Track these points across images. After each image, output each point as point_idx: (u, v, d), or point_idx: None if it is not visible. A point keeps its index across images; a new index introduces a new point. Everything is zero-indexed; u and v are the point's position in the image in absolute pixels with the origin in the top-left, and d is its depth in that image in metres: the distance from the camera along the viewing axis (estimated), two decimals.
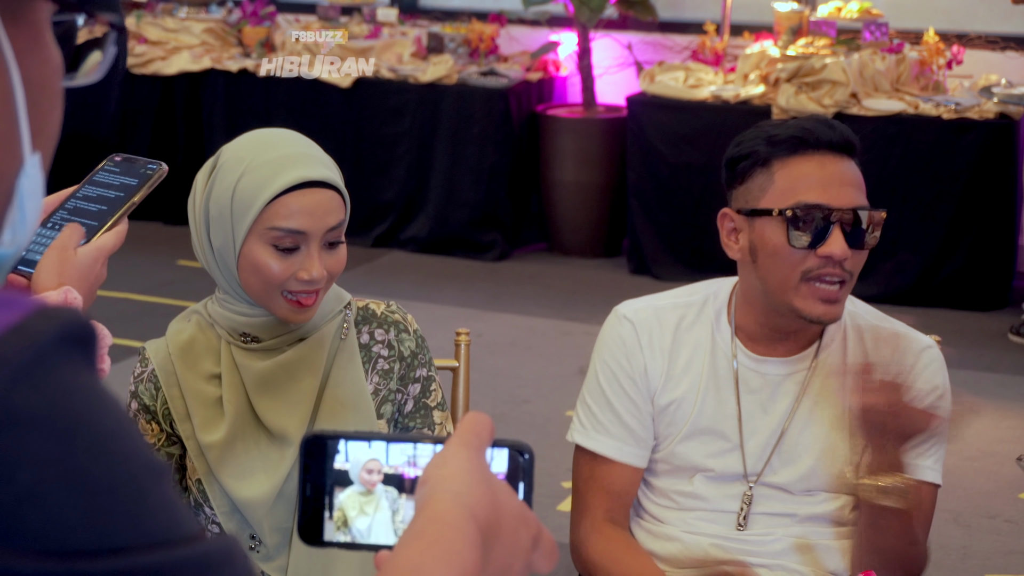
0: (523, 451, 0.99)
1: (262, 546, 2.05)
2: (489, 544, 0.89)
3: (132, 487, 0.73)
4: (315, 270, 1.98)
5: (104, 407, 0.74)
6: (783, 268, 2.13)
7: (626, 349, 2.24)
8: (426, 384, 2.15)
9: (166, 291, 6.16)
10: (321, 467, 0.98)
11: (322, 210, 1.98)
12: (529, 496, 0.98)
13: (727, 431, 2.21)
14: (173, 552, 0.73)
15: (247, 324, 2.06)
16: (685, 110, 6.46)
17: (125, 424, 0.75)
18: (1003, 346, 5.71)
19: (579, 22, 6.74)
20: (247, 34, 7.39)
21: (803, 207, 2.10)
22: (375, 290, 6.12)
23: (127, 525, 0.72)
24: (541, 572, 0.95)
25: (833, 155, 2.14)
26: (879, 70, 6.34)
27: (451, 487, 0.90)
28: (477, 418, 0.97)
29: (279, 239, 1.97)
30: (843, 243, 2.10)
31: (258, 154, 1.99)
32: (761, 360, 2.22)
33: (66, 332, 0.74)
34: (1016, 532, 4.15)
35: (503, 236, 6.86)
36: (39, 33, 0.80)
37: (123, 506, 0.72)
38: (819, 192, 2.11)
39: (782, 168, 2.13)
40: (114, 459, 0.73)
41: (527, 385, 5.21)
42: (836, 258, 2.10)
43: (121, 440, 0.74)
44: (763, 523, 2.20)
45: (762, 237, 2.14)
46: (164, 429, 2.09)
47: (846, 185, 2.14)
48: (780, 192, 2.13)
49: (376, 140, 6.97)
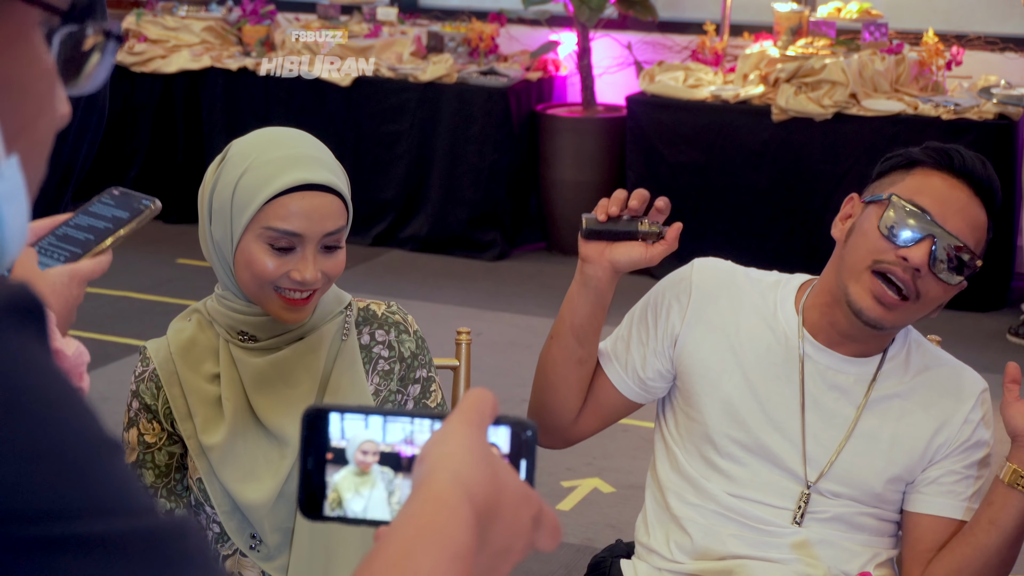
0: (526, 427, 0.97)
1: (262, 545, 2.05)
2: (487, 524, 0.88)
3: (76, 455, 0.72)
4: (308, 273, 1.97)
5: (50, 377, 0.74)
6: (862, 248, 2.15)
7: (673, 286, 2.32)
8: (426, 385, 2.15)
9: (165, 289, 6.16)
10: (323, 440, 0.97)
11: (320, 214, 1.97)
12: (531, 474, 0.97)
13: (786, 420, 2.20)
14: (117, 522, 0.72)
15: (244, 322, 2.05)
16: (685, 110, 6.46)
17: (72, 396, 0.74)
18: (1002, 347, 5.71)
19: (579, 21, 6.74)
20: (247, 33, 7.39)
21: (914, 205, 2.12)
22: (374, 289, 6.12)
23: (68, 491, 0.71)
24: (544, 550, 0.94)
25: (969, 189, 2.16)
26: (878, 71, 6.34)
27: (450, 465, 0.89)
28: (480, 394, 0.95)
29: (275, 239, 1.97)
30: (925, 255, 2.10)
31: (263, 152, 1.99)
32: (823, 350, 2.22)
33: (15, 303, 0.73)
34: None
35: (502, 235, 6.86)
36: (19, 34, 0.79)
37: (66, 475, 0.72)
38: (937, 206, 2.13)
39: (920, 174, 2.17)
40: (58, 427, 0.72)
41: (526, 384, 5.17)
42: (911, 263, 2.10)
43: (66, 410, 0.73)
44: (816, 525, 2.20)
45: (865, 220, 2.17)
46: (165, 428, 2.09)
47: (965, 218, 2.15)
48: (905, 188, 2.16)
49: (376, 139, 6.97)
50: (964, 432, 2.21)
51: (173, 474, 2.10)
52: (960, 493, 2.20)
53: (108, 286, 5.83)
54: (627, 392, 2.31)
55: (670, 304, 2.30)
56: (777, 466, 2.19)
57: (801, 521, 2.18)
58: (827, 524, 2.19)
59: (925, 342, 2.29)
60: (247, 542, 2.06)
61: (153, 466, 2.09)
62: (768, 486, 2.19)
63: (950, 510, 2.18)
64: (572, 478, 4.42)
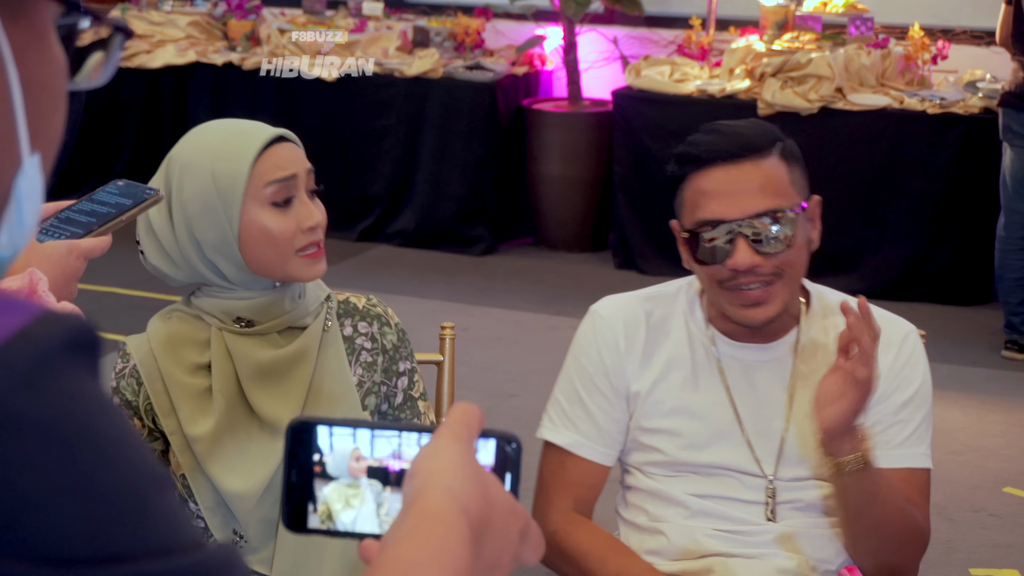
0: (511, 441, 0.98)
1: (243, 541, 2.05)
2: (480, 539, 0.88)
3: (134, 495, 0.72)
4: (316, 213, 2.06)
5: (107, 415, 0.73)
6: (703, 277, 2.18)
7: (599, 346, 2.25)
8: (411, 376, 2.17)
9: (150, 285, 6.14)
10: (308, 453, 0.97)
11: (296, 155, 2.07)
12: (516, 487, 0.97)
13: (726, 427, 2.20)
14: (173, 560, 0.72)
15: (246, 307, 2.06)
16: (671, 104, 6.47)
17: (128, 432, 0.74)
18: (988, 341, 5.73)
19: (565, 16, 6.74)
20: (232, 27, 7.37)
21: (699, 224, 2.13)
22: (361, 284, 6.11)
23: (128, 533, 0.71)
24: (528, 563, 0.95)
25: (732, 164, 2.13)
26: (864, 65, 6.35)
27: (443, 482, 0.89)
28: (467, 409, 0.95)
29: (276, 193, 2.03)
30: (749, 252, 2.10)
31: (217, 137, 2.06)
32: (738, 346, 2.23)
33: (71, 338, 0.73)
34: (1001, 526, 4.17)
35: (489, 230, 6.86)
36: (41, 33, 0.79)
37: (124, 514, 0.72)
38: (715, 206, 2.12)
39: (688, 187, 2.16)
40: (116, 467, 0.72)
41: (513, 379, 5.21)
42: (742, 268, 2.11)
43: (124, 448, 0.73)
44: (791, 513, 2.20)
45: (685, 252, 2.18)
46: (146, 425, 2.09)
47: (745, 193, 2.12)
48: (687, 211, 2.16)
49: (362, 134, 6.96)
50: (888, 380, 2.18)
51: (174, 484, 2.09)
52: (888, 442, 2.18)
53: (93, 282, 5.81)
54: (608, 461, 2.27)
55: (607, 361, 2.24)
56: (735, 471, 2.20)
57: (775, 516, 2.18)
58: (803, 514, 2.19)
59: (825, 292, 2.27)
60: (229, 538, 2.05)
61: None
62: (732, 488, 2.20)
63: (883, 460, 2.14)
64: None
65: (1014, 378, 5.34)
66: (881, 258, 6.14)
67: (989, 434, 4.84)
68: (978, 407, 5.06)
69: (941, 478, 4.47)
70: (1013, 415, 5.01)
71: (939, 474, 2.25)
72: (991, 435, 4.83)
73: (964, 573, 3.89)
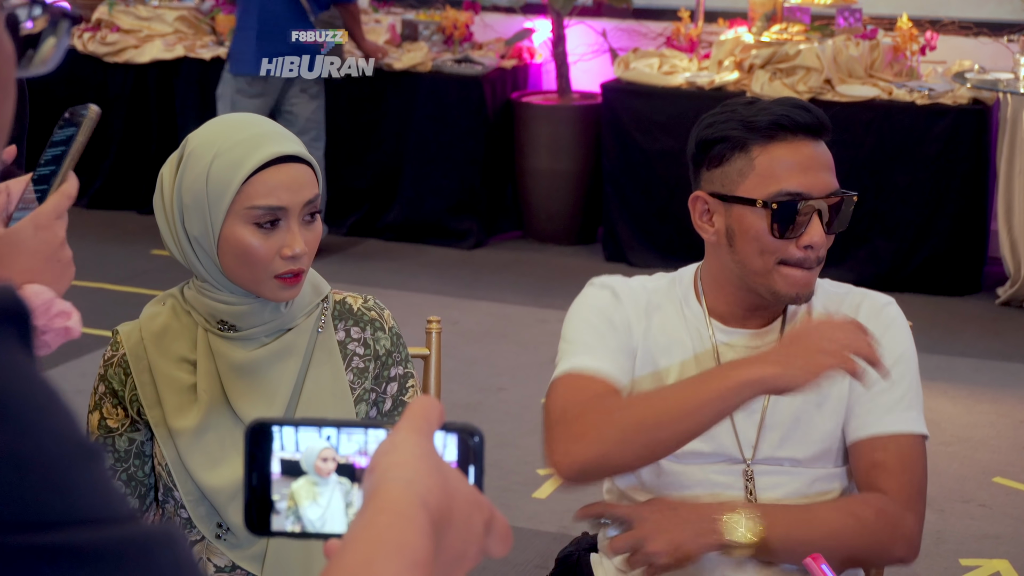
0: (473, 434, 0.96)
1: (229, 534, 2.05)
2: (441, 531, 0.88)
3: (61, 464, 0.71)
4: (298, 245, 1.98)
5: (34, 384, 0.73)
6: (763, 254, 2.13)
7: (608, 303, 2.21)
8: (403, 381, 2.15)
9: (139, 280, 6.14)
10: (267, 455, 0.96)
11: (298, 184, 1.99)
12: (480, 479, 0.96)
13: None
14: (104, 531, 0.72)
15: (227, 312, 2.04)
16: (660, 97, 6.46)
17: (56, 403, 0.73)
18: (977, 331, 5.74)
19: (553, 9, 6.73)
20: (220, 22, 7.35)
21: (785, 196, 2.10)
22: (350, 278, 6.11)
23: (56, 501, 0.70)
24: (495, 556, 0.94)
25: (809, 139, 2.14)
26: (853, 56, 6.35)
27: (402, 474, 0.88)
28: (426, 402, 0.94)
29: (260, 217, 1.97)
30: (822, 232, 2.12)
31: (228, 136, 1.99)
32: (732, 331, 2.22)
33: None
34: (990, 516, 4.17)
35: (478, 224, 6.85)
36: None
37: (52, 482, 0.71)
38: (799, 180, 2.12)
39: (762, 154, 2.13)
40: (42, 436, 0.71)
41: (502, 373, 5.21)
42: (816, 247, 2.12)
43: (51, 418, 0.72)
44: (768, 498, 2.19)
45: (742, 223, 2.14)
46: (130, 414, 2.08)
47: (823, 170, 2.14)
48: (761, 179, 2.12)
49: (351, 128, 6.95)
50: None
51: (132, 460, 2.09)
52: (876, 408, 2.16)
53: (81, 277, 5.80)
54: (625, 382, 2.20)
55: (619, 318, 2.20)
56: (719, 455, 2.18)
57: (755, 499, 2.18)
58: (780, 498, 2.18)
59: (824, 284, 2.27)
60: (213, 531, 2.05)
61: (113, 451, 2.08)
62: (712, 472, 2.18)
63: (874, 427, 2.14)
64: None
65: (1003, 368, 5.35)
66: (869, 249, 6.15)
67: (978, 424, 4.84)
68: (967, 398, 5.06)
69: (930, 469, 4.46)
70: (1002, 405, 5.02)
71: (928, 464, 2.24)
72: (980, 425, 4.83)
73: (954, 563, 3.89)
